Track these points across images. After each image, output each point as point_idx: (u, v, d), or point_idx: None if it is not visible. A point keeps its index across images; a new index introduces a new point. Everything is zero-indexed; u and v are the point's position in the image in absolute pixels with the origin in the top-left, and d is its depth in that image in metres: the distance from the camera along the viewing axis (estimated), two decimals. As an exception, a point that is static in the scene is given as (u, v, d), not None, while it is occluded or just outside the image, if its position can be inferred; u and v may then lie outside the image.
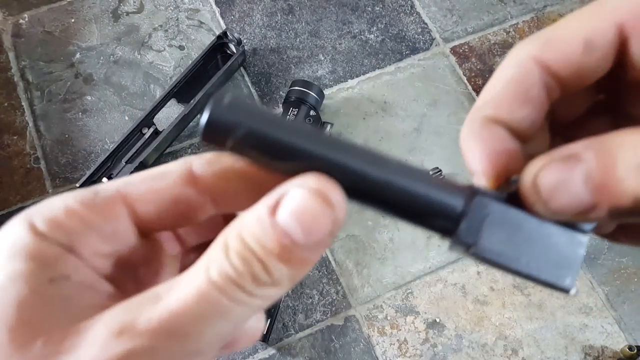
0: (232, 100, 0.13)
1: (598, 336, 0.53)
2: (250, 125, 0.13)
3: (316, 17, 0.65)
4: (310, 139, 0.13)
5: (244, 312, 0.12)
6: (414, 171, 0.13)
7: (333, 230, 0.12)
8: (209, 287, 0.12)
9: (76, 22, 0.64)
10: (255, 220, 0.12)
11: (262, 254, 0.12)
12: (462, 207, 0.13)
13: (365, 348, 0.51)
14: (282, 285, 0.12)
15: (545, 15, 0.67)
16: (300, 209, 0.12)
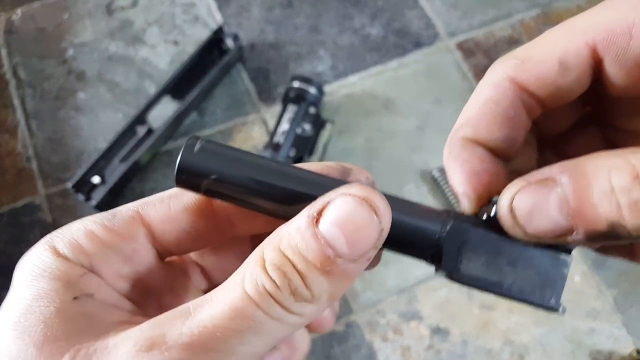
0: (203, 147, 0.13)
1: (606, 340, 0.52)
2: (221, 172, 0.13)
3: (316, 11, 0.64)
4: (287, 180, 0.13)
5: (279, 329, 0.12)
6: (390, 200, 0.13)
7: (378, 241, 0.12)
8: (244, 302, 0.11)
9: (70, 17, 0.62)
10: (296, 231, 0.12)
11: (303, 266, 0.11)
12: (438, 235, 0.13)
13: (367, 355, 0.50)
14: (320, 302, 0.12)
15: (551, 11, 0.66)
16: (345, 218, 0.11)
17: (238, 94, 0.60)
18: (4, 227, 0.53)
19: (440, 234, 0.13)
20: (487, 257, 0.13)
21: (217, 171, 0.13)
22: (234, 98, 0.60)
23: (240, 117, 0.59)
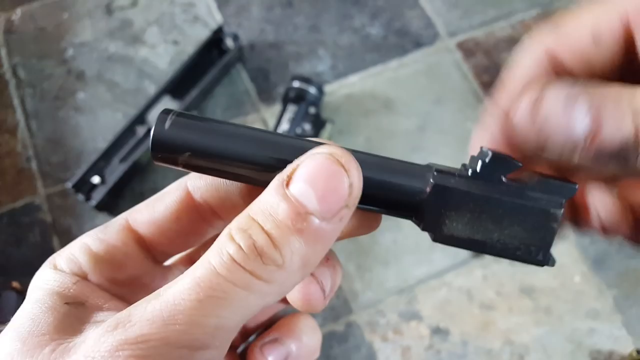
0: (175, 121, 0.13)
1: (606, 340, 0.52)
2: (195, 145, 0.13)
3: (316, 10, 0.64)
4: (263, 147, 0.13)
5: (248, 299, 0.11)
6: (368, 157, 0.13)
7: (350, 198, 0.11)
8: (205, 271, 0.11)
9: (69, 17, 0.62)
10: (265, 195, 0.11)
11: (271, 226, 0.11)
12: (419, 196, 0.13)
13: (367, 355, 0.50)
14: (292, 266, 0.11)
15: (552, 11, 0.66)
16: (313, 173, 0.11)
17: (238, 94, 0.60)
18: (3, 227, 0.53)
19: (420, 195, 0.13)
20: (471, 216, 0.13)
21: (191, 145, 0.13)
22: (234, 98, 0.60)
23: (240, 117, 0.59)
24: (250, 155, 0.13)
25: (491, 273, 0.54)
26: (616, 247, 0.55)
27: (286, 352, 0.15)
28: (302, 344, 0.16)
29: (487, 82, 0.62)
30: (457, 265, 0.54)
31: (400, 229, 0.55)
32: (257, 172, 0.13)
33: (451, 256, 0.54)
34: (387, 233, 0.55)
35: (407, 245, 0.54)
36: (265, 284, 0.11)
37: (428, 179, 0.13)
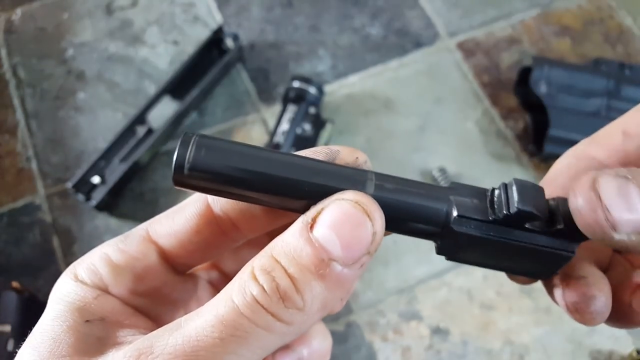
0: (199, 144, 0.13)
1: (606, 340, 0.52)
2: (218, 170, 0.12)
3: (316, 10, 0.64)
4: (301, 174, 0.13)
5: (267, 338, 0.11)
6: (394, 182, 0.13)
7: (372, 246, 0.12)
8: (227, 309, 0.11)
9: (69, 17, 0.62)
10: (289, 237, 0.12)
11: (295, 269, 0.11)
12: (440, 227, 0.13)
13: (367, 355, 0.50)
14: (312, 310, 0.11)
15: (551, 11, 0.66)
16: (339, 220, 0.11)
17: (238, 94, 0.60)
18: (3, 227, 0.53)
19: (442, 226, 0.13)
20: (486, 250, 0.13)
21: (215, 170, 0.12)
22: (234, 98, 0.59)
23: (240, 117, 0.59)
24: (279, 183, 0.12)
25: (491, 273, 0.54)
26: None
27: (297, 357, 0.16)
28: (312, 349, 0.16)
29: (487, 82, 0.62)
30: (457, 265, 0.54)
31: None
32: (283, 197, 0.13)
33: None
34: (387, 233, 0.55)
35: (407, 246, 0.54)
36: (285, 325, 0.11)
37: (450, 209, 0.13)
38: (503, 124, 0.60)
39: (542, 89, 0.55)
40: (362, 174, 0.13)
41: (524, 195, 0.13)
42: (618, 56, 0.63)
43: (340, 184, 0.13)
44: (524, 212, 0.13)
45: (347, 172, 0.13)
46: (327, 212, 0.12)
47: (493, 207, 0.13)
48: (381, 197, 0.13)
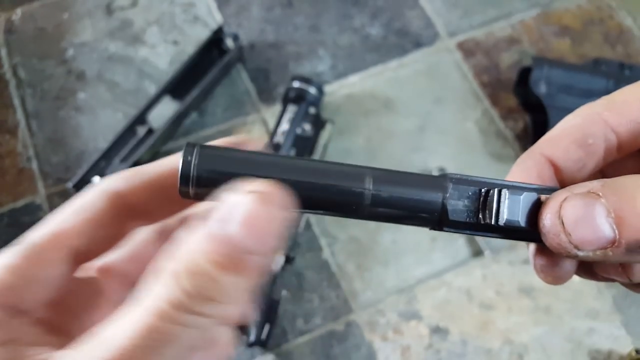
0: (201, 154, 0.13)
1: (605, 340, 0.52)
2: (217, 179, 0.13)
3: (316, 10, 0.64)
4: (305, 176, 0.13)
5: (195, 335, 0.12)
6: (385, 174, 0.14)
7: (284, 232, 0.12)
8: (153, 315, 0.11)
9: (69, 17, 0.62)
10: (201, 237, 0.12)
11: (212, 269, 0.11)
12: (436, 215, 0.14)
13: (367, 354, 0.50)
14: (235, 299, 0.12)
15: (551, 11, 0.66)
16: (251, 216, 0.12)
17: (238, 94, 0.60)
18: (4, 227, 0.53)
19: (435, 223, 0.14)
20: (475, 230, 0.14)
21: (220, 179, 0.13)
22: (234, 98, 0.60)
23: (240, 117, 0.59)
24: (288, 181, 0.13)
25: (490, 273, 0.54)
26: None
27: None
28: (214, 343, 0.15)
29: (486, 82, 0.62)
30: (457, 265, 0.54)
31: (399, 230, 0.55)
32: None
33: (451, 256, 0.55)
34: (387, 233, 0.55)
35: (407, 246, 0.55)
36: (209, 318, 0.12)
37: (443, 219, 0.14)
38: (503, 124, 0.60)
39: (542, 89, 0.56)
40: (361, 170, 0.14)
41: (514, 210, 0.14)
42: (618, 56, 0.63)
43: (342, 182, 0.13)
44: (511, 225, 0.14)
45: (346, 170, 0.14)
46: (236, 207, 0.12)
47: (484, 211, 0.14)
48: (378, 193, 0.13)
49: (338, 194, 0.13)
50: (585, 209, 0.13)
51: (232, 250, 0.11)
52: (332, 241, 0.54)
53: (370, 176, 0.14)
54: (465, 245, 0.55)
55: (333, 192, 0.13)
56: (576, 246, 0.13)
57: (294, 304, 0.52)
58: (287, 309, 0.51)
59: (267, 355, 0.50)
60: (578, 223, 0.13)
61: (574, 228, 0.13)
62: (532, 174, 0.15)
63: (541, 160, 0.15)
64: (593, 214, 0.12)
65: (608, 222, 0.12)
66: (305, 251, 0.53)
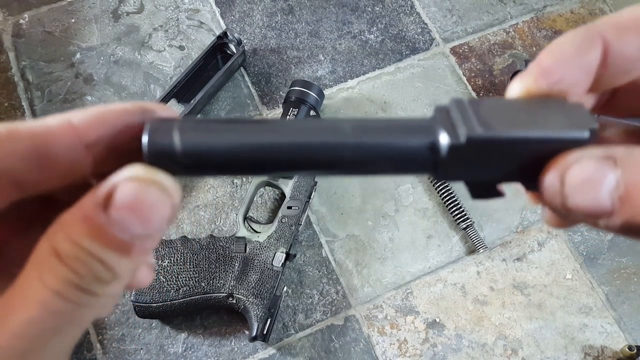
0: (181, 127, 0.13)
1: (598, 336, 0.53)
2: (186, 149, 0.12)
3: (316, 17, 0.65)
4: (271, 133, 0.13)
5: (91, 312, 0.12)
6: (368, 128, 0.13)
7: (172, 215, 0.12)
8: (52, 297, 0.11)
9: (76, 22, 0.64)
10: (86, 219, 0.11)
11: (101, 253, 0.11)
12: (430, 160, 0.13)
13: (365, 348, 0.51)
14: (124, 277, 0.12)
15: (544, 16, 0.67)
16: (136, 201, 0.11)
17: (241, 97, 0.61)
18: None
19: (429, 163, 0.13)
20: (500, 113, 0.13)
21: (183, 151, 0.12)
22: (237, 101, 0.61)
23: (242, 119, 0.60)
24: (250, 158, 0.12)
25: (485, 269, 0.56)
26: (608, 245, 0.57)
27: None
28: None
29: (480, 85, 0.63)
30: (452, 262, 0.55)
31: (397, 228, 0.56)
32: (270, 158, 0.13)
33: (446, 253, 0.56)
34: (384, 231, 0.56)
35: (404, 243, 0.56)
36: (103, 297, 0.12)
37: (433, 149, 0.13)
38: (496, 126, 0.61)
39: (534, 92, 0.57)
40: (339, 122, 0.13)
41: None
42: (608, 61, 0.65)
43: (323, 138, 0.12)
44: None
45: (329, 125, 0.13)
46: (121, 193, 0.11)
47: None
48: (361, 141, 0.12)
49: (319, 148, 0.13)
50: (594, 174, 0.11)
51: (116, 231, 0.11)
52: (332, 239, 0.55)
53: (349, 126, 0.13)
54: (460, 242, 0.56)
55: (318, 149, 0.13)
56: (568, 210, 0.12)
57: (295, 299, 0.53)
58: (288, 305, 0.53)
59: (269, 349, 0.51)
60: (579, 188, 0.12)
61: (573, 192, 0.12)
62: (581, 57, 0.13)
63: (596, 44, 0.13)
64: (600, 183, 0.11)
65: (611, 195, 0.11)
66: (305, 248, 0.55)
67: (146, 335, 0.50)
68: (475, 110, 0.13)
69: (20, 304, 0.11)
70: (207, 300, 0.48)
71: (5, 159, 0.12)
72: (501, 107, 0.13)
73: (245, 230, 0.51)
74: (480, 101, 0.13)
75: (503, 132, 0.12)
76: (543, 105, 0.13)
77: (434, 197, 0.57)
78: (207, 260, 0.49)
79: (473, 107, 0.13)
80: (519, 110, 0.13)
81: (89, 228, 0.11)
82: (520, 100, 0.13)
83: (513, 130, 0.12)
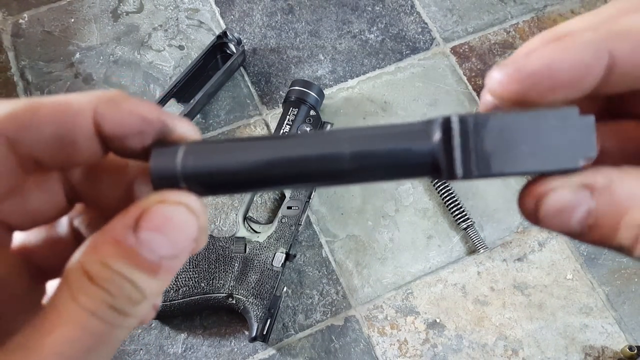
0: (187, 150, 0.13)
1: (598, 336, 0.53)
2: (189, 174, 0.13)
3: (316, 16, 0.65)
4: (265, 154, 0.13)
5: (123, 333, 0.12)
6: (364, 137, 0.13)
7: (198, 236, 0.13)
8: (88, 318, 0.12)
9: (76, 22, 0.64)
10: (116, 242, 0.12)
11: (131, 274, 0.12)
12: (431, 148, 0.12)
13: (366, 348, 0.51)
14: (152, 298, 0.13)
15: (545, 15, 0.67)
16: (164, 222, 0.12)
17: (241, 97, 0.61)
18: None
19: (433, 146, 0.12)
20: (497, 142, 0.13)
21: (186, 177, 0.13)
22: (237, 101, 0.61)
23: (242, 120, 0.60)
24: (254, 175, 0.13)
25: (485, 269, 0.55)
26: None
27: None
28: None
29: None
30: (452, 262, 0.55)
31: (397, 228, 0.56)
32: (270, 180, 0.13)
33: (446, 253, 0.56)
34: (385, 231, 0.56)
35: (404, 243, 0.56)
36: (133, 318, 0.13)
37: (435, 125, 0.13)
38: (497, 126, 0.61)
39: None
40: (337, 134, 0.13)
41: None
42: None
43: (332, 149, 0.13)
44: None
45: (325, 137, 0.13)
46: (150, 215, 0.12)
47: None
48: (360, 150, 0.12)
49: (316, 162, 0.13)
50: (568, 205, 0.12)
51: (144, 254, 0.12)
52: (332, 239, 0.55)
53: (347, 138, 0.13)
54: (460, 242, 0.56)
55: (312, 161, 0.13)
56: (539, 223, 0.13)
57: (295, 300, 0.53)
58: (288, 305, 0.52)
59: (269, 350, 0.51)
60: (552, 215, 0.12)
61: (545, 218, 0.12)
62: (587, 67, 0.12)
63: (602, 55, 0.12)
64: (572, 213, 0.12)
65: (581, 223, 0.12)
66: (305, 249, 0.55)
67: (145, 336, 0.50)
68: (476, 139, 0.12)
69: (58, 324, 0.11)
70: (206, 300, 0.48)
71: (25, 143, 0.12)
72: (505, 129, 0.12)
73: (245, 230, 0.51)
74: (484, 121, 0.12)
75: (498, 170, 0.12)
76: (549, 120, 0.12)
77: (434, 197, 0.57)
78: (206, 261, 0.49)
79: (475, 133, 0.12)
80: (522, 133, 0.12)
81: (119, 250, 0.12)
82: (528, 115, 0.12)
83: (508, 168, 0.12)
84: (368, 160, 0.13)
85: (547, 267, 0.55)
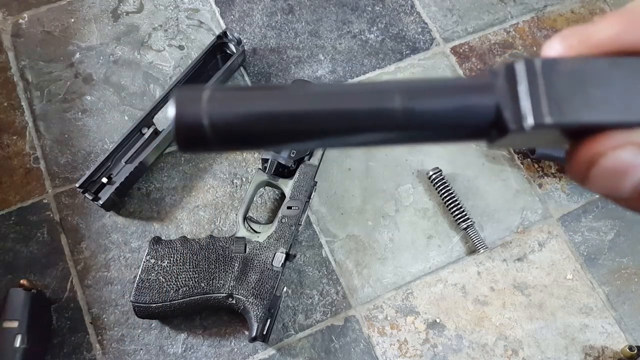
0: (211, 96, 0.11)
1: (598, 336, 0.53)
2: (219, 119, 0.11)
3: (316, 16, 0.65)
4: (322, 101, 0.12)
5: None
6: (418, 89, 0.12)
7: None
8: None
9: (76, 22, 0.64)
10: None
11: None
12: (495, 100, 0.11)
13: (366, 348, 0.51)
14: None
15: (545, 15, 0.68)
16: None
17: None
18: (12, 225, 0.54)
19: (496, 102, 0.11)
20: (568, 87, 0.11)
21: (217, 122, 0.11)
22: (237, 101, 0.61)
23: (242, 119, 0.60)
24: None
25: (485, 269, 0.56)
26: (608, 245, 0.57)
27: None
28: None
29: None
30: (452, 262, 0.56)
31: (397, 228, 0.56)
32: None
33: (446, 253, 0.56)
34: (385, 231, 0.56)
35: (404, 243, 0.56)
36: None
37: (502, 71, 0.12)
38: (497, 126, 0.61)
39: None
40: (389, 85, 0.11)
41: None
42: (608, 60, 0.64)
43: (376, 104, 0.11)
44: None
45: (376, 87, 0.12)
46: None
47: None
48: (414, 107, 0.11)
49: (367, 116, 0.11)
50: (626, 166, 0.11)
51: None
52: (332, 239, 0.55)
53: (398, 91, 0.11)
54: (460, 242, 0.56)
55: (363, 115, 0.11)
56: (585, 183, 0.12)
57: (295, 300, 0.53)
58: (288, 305, 0.53)
59: (268, 350, 0.51)
60: (606, 176, 0.11)
61: (595, 176, 0.11)
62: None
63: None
64: (628, 174, 0.11)
65: (636, 187, 0.11)
66: (305, 249, 0.55)
67: (146, 336, 0.50)
68: (547, 83, 0.11)
69: None
70: (206, 300, 0.48)
71: None
72: (575, 74, 0.11)
73: (245, 230, 0.51)
74: (553, 66, 0.11)
75: (572, 118, 0.11)
76: (622, 68, 0.11)
77: (434, 197, 0.57)
78: (206, 261, 0.49)
79: (545, 76, 0.11)
80: (592, 79, 0.11)
81: None
82: (599, 62, 0.11)
83: (583, 115, 0.11)
84: (421, 117, 0.11)
85: (547, 267, 0.55)
